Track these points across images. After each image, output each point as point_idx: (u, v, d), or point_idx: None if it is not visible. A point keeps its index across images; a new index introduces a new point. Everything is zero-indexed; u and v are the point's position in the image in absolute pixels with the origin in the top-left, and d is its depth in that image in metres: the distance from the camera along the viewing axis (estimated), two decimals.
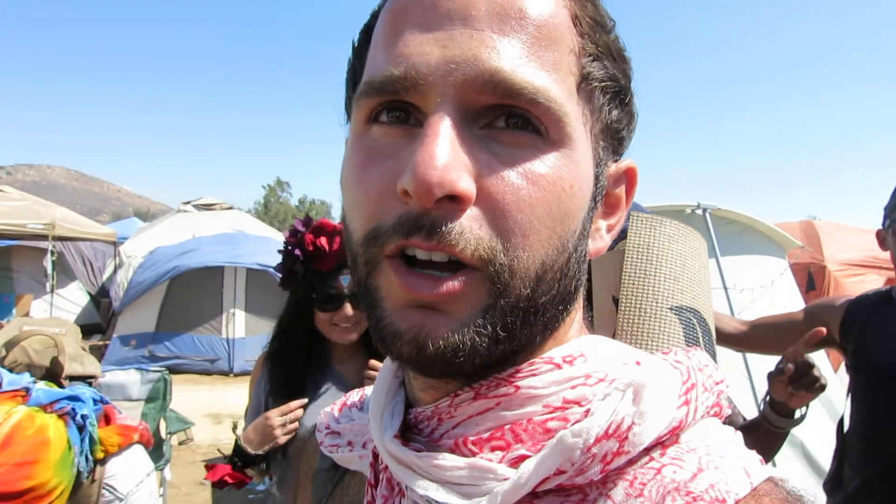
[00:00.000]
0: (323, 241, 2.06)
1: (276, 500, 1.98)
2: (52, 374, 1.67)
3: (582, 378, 0.53)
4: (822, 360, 4.44)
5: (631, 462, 0.49)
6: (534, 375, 0.53)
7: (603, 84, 0.54)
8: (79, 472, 1.52)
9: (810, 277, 7.07)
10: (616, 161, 0.59)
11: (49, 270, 9.52)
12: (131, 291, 9.98)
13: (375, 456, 0.63)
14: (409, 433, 0.58)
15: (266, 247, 10.28)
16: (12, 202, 9.43)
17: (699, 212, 4.34)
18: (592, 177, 0.54)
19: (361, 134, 0.53)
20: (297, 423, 1.90)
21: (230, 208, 13.15)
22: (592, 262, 1.13)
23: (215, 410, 7.96)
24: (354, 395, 0.79)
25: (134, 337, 10.00)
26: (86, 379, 1.75)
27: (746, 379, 3.93)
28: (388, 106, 0.51)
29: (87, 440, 1.54)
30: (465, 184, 0.46)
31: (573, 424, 0.49)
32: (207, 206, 12.81)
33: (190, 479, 6.01)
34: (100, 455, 1.59)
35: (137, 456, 1.71)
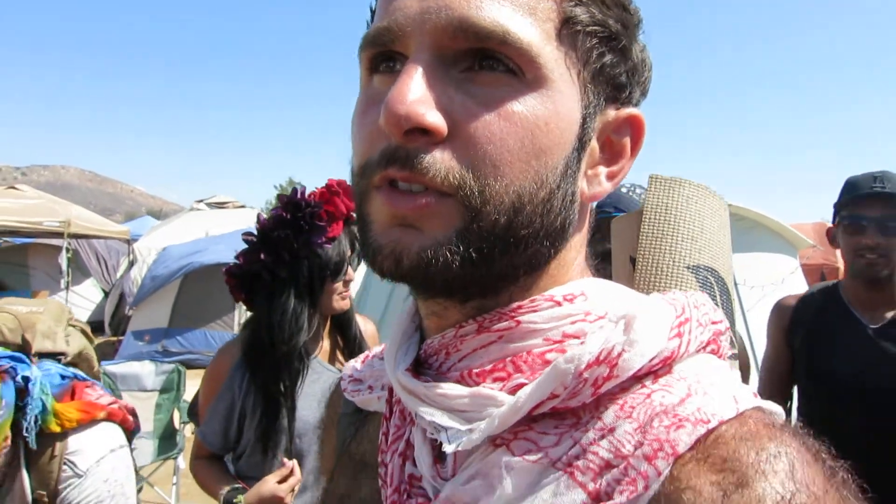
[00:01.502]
0: (339, 202, 2.04)
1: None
2: (23, 350, 1.67)
3: (581, 315, 0.56)
4: None
5: (624, 389, 0.53)
6: (534, 311, 0.56)
7: (588, 28, 0.56)
8: (25, 442, 1.54)
9: (823, 278, 7.05)
10: (618, 109, 0.61)
11: (64, 267, 9.63)
12: (145, 288, 10.07)
13: (390, 391, 0.67)
14: (420, 368, 0.62)
15: None
16: (28, 200, 9.55)
17: None
18: (578, 119, 0.56)
19: (365, 85, 0.58)
20: (298, 479, 1.92)
21: (242, 207, 13.24)
22: (612, 223, 1.16)
23: None
24: (376, 349, 0.83)
25: (147, 332, 10.08)
26: (56, 356, 1.72)
27: (752, 357, 3.94)
28: (382, 57, 0.56)
29: (34, 405, 1.54)
30: (434, 118, 0.50)
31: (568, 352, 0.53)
32: (220, 205, 12.92)
33: None
34: (55, 428, 1.58)
35: (103, 433, 1.67)
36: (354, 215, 2.09)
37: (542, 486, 0.50)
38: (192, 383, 5.66)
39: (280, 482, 1.92)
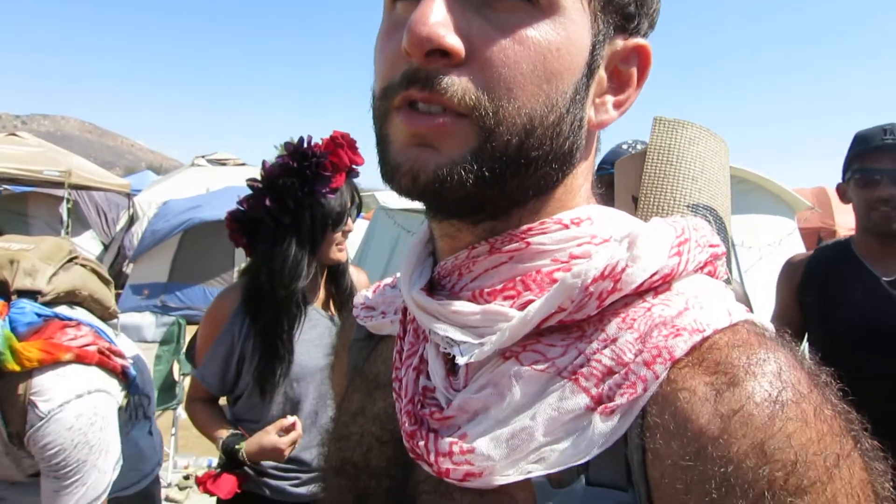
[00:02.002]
0: (343, 154, 2.07)
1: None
2: (3, 287, 1.62)
3: (587, 237, 0.60)
4: None
5: (626, 304, 0.57)
6: (543, 233, 0.60)
7: None
8: None
9: (820, 241, 7.08)
10: (626, 39, 0.63)
11: (64, 217, 9.62)
12: (145, 242, 10.09)
13: (403, 312, 0.71)
14: (434, 289, 0.65)
15: None
16: (29, 148, 9.49)
17: None
18: (587, 46, 0.58)
19: (389, 11, 0.61)
20: (299, 434, 1.97)
21: (243, 164, 13.19)
22: (617, 163, 1.19)
23: None
24: (387, 279, 0.87)
25: (146, 287, 10.14)
26: (33, 294, 1.65)
27: None
28: None
29: None
30: (453, 40, 0.52)
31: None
32: (220, 162, 12.87)
33: None
34: (13, 367, 1.50)
35: (69, 376, 1.58)
36: (356, 167, 2.13)
37: (548, 393, 0.54)
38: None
39: (282, 436, 1.97)
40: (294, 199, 2.03)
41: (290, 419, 1.99)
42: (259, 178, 2.11)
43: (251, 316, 2.06)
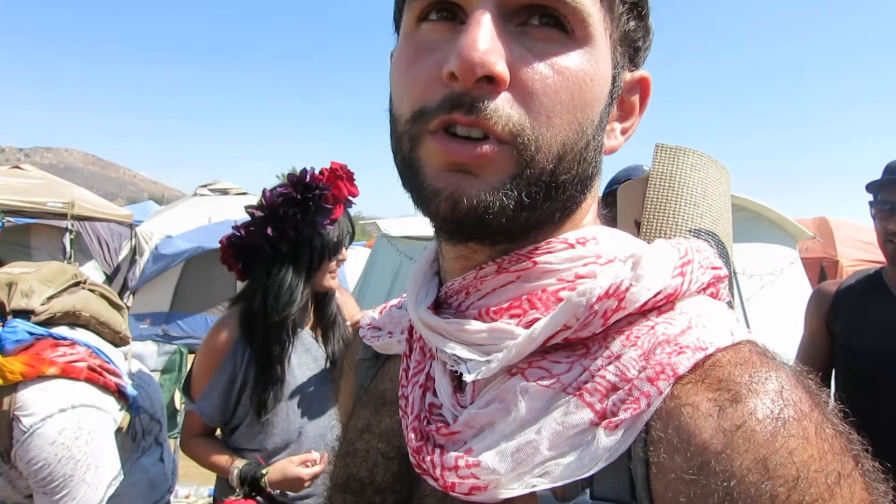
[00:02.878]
0: (343, 186, 2.12)
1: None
2: (2, 307, 1.66)
3: (593, 257, 0.61)
4: None
5: (630, 323, 0.58)
6: (550, 252, 0.61)
7: None
8: None
9: (822, 271, 7.08)
10: (632, 71, 0.67)
11: (67, 249, 9.64)
12: (147, 272, 10.11)
13: (410, 330, 0.71)
14: (440, 309, 0.66)
15: None
16: (32, 180, 9.55)
17: None
18: (610, 77, 0.61)
19: (412, 33, 0.61)
20: (322, 469, 2.00)
21: (245, 193, 13.26)
22: (619, 189, 1.20)
23: None
24: (393, 300, 0.88)
25: (148, 316, 10.13)
26: (26, 313, 1.67)
27: None
28: (436, 6, 0.59)
29: None
30: (502, 67, 0.53)
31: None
32: (223, 191, 12.93)
33: None
34: None
35: (53, 391, 1.58)
36: (352, 199, 2.17)
37: (553, 408, 0.55)
38: None
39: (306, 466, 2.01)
40: (295, 229, 2.07)
41: (315, 454, 2.04)
42: (258, 205, 2.15)
43: (248, 341, 2.09)
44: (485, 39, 0.53)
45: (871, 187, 2.15)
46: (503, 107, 0.54)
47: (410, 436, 0.63)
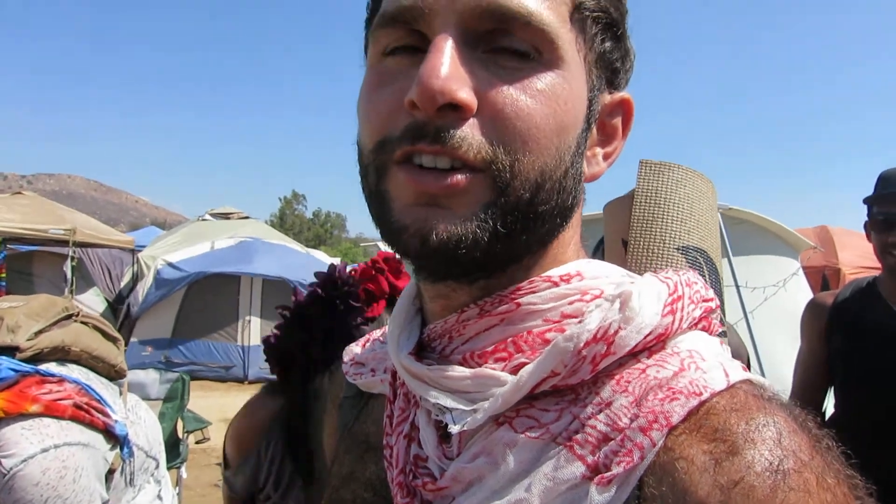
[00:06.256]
0: (383, 280, 1.97)
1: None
2: None
3: (578, 294, 0.58)
4: None
5: (620, 366, 0.55)
6: (533, 292, 0.58)
7: (594, 14, 0.59)
8: None
9: (825, 280, 7.06)
10: (612, 93, 0.64)
11: (69, 275, 9.65)
12: (149, 298, 10.11)
13: (394, 374, 0.68)
14: (424, 352, 0.63)
15: (282, 256, 10.42)
16: (34, 207, 9.60)
17: None
18: (586, 100, 0.59)
19: (376, 63, 0.59)
20: None
21: (247, 218, 13.30)
22: (605, 207, 1.18)
23: (230, 415, 7.89)
24: (377, 332, 0.84)
25: (150, 342, 10.12)
26: (12, 350, 1.62)
27: (756, 372, 3.94)
28: (401, 45, 0.57)
29: None
30: (465, 94, 0.51)
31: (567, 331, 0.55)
32: (225, 216, 12.99)
33: (205, 480, 6.03)
34: None
35: (34, 429, 1.52)
36: (396, 291, 2.04)
37: (543, 461, 0.52)
38: (194, 395, 5.68)
39: None
40: (324, 331, 1.88)
41: None
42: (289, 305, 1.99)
43: (286, 448, 1.91)
44: (446, 66, 0.51)
45: (867, 201, 2.15)
46: (472, 134, 0.52)
47: (396, 492, 0.60)
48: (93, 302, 12.37)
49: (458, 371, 0.57)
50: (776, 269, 4.82)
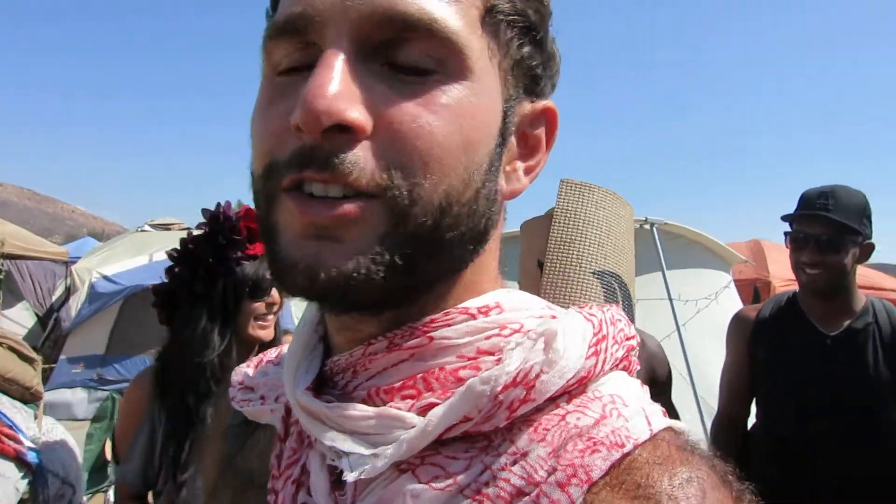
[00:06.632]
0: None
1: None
2: None
3: (496, 329, 0.54)
4: None
5: (538, 410, 0.51)
6: (448, 325, 0.53)
7: (509, 18, 0.54)
8: None
9: (756, 292, 7.29)
10: (533, 101, 0.59)
11: None
12: (82, 312, 9.71)
13: (287, 410, 0.62)
14: (324, 387, 0.58)
15: None
16: None
17: (647, 226, 4.49)
18: (500, 112, 0.54)
19: (269, 76, 0.54)
20: None
21: (188, 229, 12.95)
22: (522, 225, 1.18)
23: None
24: (272, 353, 0.76)
25: (82, 359, 9.69)
26: None
27: (688, 384, 4.04)
28: (293, 66, 0.52)
29: None
30: (356, 114, 0.46)
31: (483, 372, 0.50)
32: (166, 227, 12.62)
33: None
34: None
35: None
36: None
37: None
38: None
39: None
40: (204, 266, 1.91)
41: None
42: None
43: (161, 395, 1.90)
44: (332, 83, 0.46)
45: (785, 218, 2.24)
46: (365, 157, 0.47)
47: None
48: (22, 317, 11.84)
49: (361, 410, 0.51)
50: (709, 282, 4.96)
